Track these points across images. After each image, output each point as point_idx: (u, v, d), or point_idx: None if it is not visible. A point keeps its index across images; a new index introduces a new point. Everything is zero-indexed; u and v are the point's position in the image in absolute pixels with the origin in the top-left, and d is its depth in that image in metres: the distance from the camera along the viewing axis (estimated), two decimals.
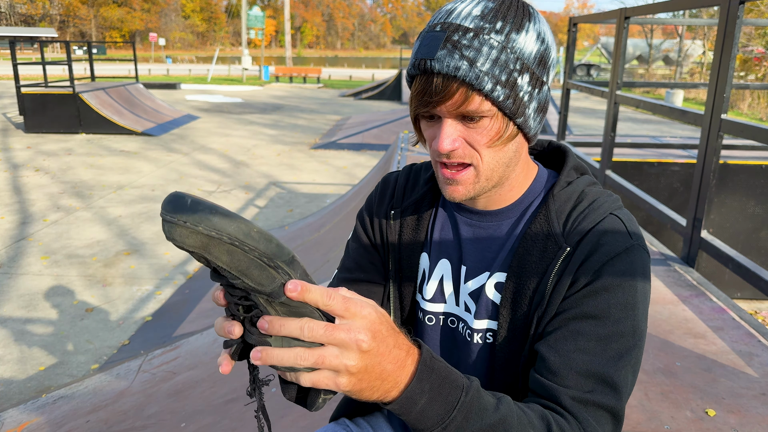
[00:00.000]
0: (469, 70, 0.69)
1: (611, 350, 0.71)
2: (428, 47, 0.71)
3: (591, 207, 0.78)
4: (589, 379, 0.70)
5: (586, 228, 0.76)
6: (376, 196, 0.97)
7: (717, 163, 2.75)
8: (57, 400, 2.46)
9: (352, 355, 0.56)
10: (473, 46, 0.69)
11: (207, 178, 7.89)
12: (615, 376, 0.71)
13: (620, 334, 0.72)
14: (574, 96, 21.31)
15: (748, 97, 18.63)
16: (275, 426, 1.93)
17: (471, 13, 0.71)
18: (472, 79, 0.69)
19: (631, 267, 0.74)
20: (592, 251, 0.74)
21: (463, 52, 0.69)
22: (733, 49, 2.56)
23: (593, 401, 0.70)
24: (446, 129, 0.74)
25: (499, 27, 0.70)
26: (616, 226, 0.76)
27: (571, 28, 5.07)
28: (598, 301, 0.73)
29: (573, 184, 0.82)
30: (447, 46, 0.69)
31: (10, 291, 4.24)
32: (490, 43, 0.70)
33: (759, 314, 4.44)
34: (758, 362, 1.96)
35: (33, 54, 46.34)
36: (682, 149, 5.26)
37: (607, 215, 0.77)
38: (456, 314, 0.87)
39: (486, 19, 0.70)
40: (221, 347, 2.77)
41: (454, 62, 0.69)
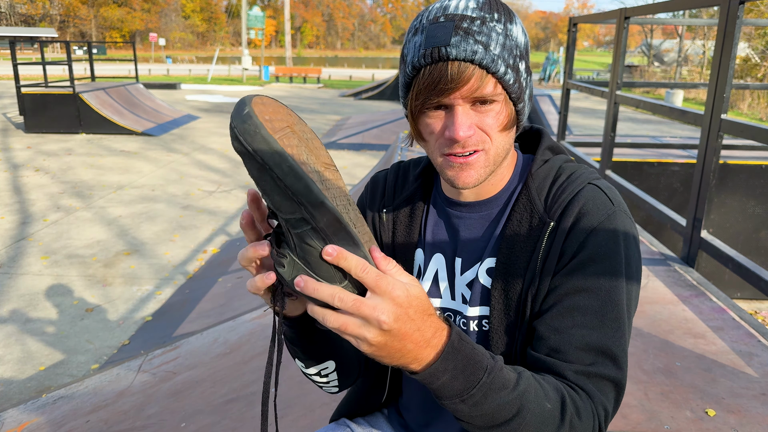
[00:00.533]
0: (485, 54, 0.71)
1: (607, 321, 0.73)
2: (439, 36, 0.71)
3: (569, 179, 0.80)
4: (589, 352, 0.72)
5: (567, 199, 0.78)
6: (367, 196, 0.98)
7: (717, 163, 2.75)
8: (57, 400, 2.46)
9: (372, 330, 0.60)
10: (483, 32, 0.71)
11: (207, 178, 7.89)
12: (614, 347, 0.73)
13: (613, 303, 0.74)
14: (574, 96, 21.30)
15: (748, 97, 18.63)
16: (274, 426, 1.93)
17: (468, 6, 0.73)
18: (488, 62, 0.71)
19: (614, 234, 0.75)
20: (575, 222, 0.76)
21: (476, 37, 0.71)
22: (733, 49, 2.56)
23: (596, 373, 0.72)
24: (460, 116, 0.74)
25: (497, 17, 0.73)
26: (596, 194, 0.78)
27: (571, 28, 5.07)
28: (587, 274, 0.74)
29: (550, 162, 0.84)
30: (459, 33, 0.71)
31: (10, 291, 4.24)
32: (497, 30, 0.72)
33: (759, 314, 4.44)
34: (758, 362, 1.96)
35: (33, 54, 46.34)
36: (682, 149, 5.26)
37: (585, 185, 0.79)
38: (452, 308, 0.88)
39: (484, 10, 0.73)
40: (221, 347, 2.77)
41: (470, 47, 0.70)
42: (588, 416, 0.70)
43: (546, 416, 0.67)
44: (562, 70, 24.70)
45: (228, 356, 2.54)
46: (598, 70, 26.72)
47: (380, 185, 0.97)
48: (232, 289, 4.08)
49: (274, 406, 0.78)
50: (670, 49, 34.50)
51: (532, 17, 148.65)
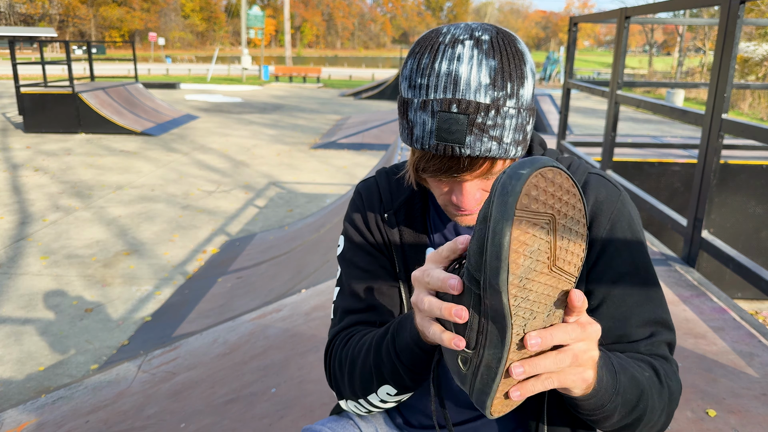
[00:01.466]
0: (498, 148, 0.71)
1: (652, 293, 0.81)
2: (451, 132, 0.69)
3: (569, 170, 0.83)
4: (648, 326, 0.80)
5: None
6: (362, 205, 0.94)
7: (718, 163, 2.74)
8: (56, 401, 2.46)
9: (594, 345, 0.62)
10: (497, 124, 0.70)
11: (207, 178, 7.89)
12: (664, 314, 0.81)
13: (651, 276, 0.82)
14: (574, 96, 21.30)
15: (748, 96, 18.63)
16: (274, 426, 1.93)
17: (480, 83, 0.68)
18: (500, 154, 0.72)
19: (630, 215, 0.82)
20: (595, 212, 0.80)
21: (490, 133, 0.70)
22: (733, 49, 2.56)
23: (658, 340, 0.80)
24: (469, 191, 0.76)
25: (510, 90, 0.70)
26: (603, 183, 0.82)
27: (572, 27, 5.07)
28: (624, 258, 0.80)
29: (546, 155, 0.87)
30: (474, 132, 0.69)
31: (10, 291, 4.23)
32: (510, 114, 0.70)
33: (760, 314, 4.44)
34: (759, 362, 1.95)
35: (32, 54, 46.33)
36: (683, 149, 5.25)
37: (587, 175, 0.83)
38: None
39: (497, 87, 0.69)
40: (221, 347, 2.77)
41: (484, 146, 0.70)
42: (673, 373, 0.79)
43: (652, 383, 0.74)
44: (562, 69, 24.70)
45: (228, 356, 2.54)
46: (598, 71, 26.80)
47: (374, 191, 0.94)
48: (231, 290, 4.08)
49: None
50: (671, 49, 34.44)
51: (533, 17, 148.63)
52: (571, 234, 0.60)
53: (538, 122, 10.70)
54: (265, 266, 4.47)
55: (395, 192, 0.93)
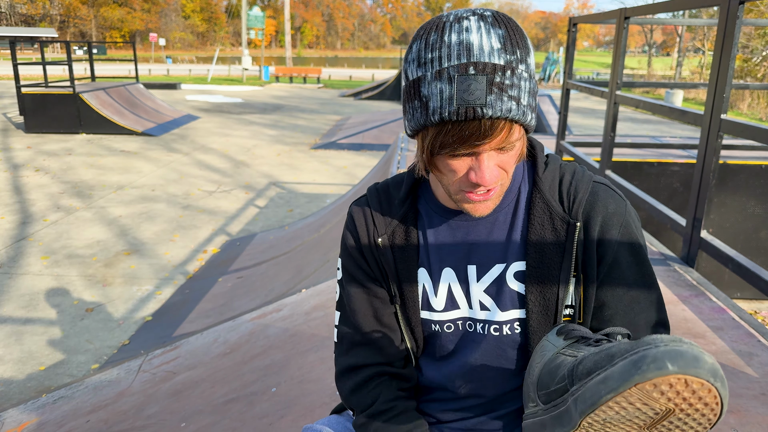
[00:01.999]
0: (518, 109, 0.71)
1: (655, 298, 0.86)
2: (471, 92, 0.69)
3: (575, 179, 0.85)
4: (651, 328, 0.85)
5: (584, 199, 0.83)
6: (355, 231, 0.93)
7: (717, 163, 2.75)
8: (57, 400, 2.46)
9: None
10: (515, 84, 0.70)
11: (207, 178, 7.89)
12: (664, 315, 0.86)
13: (654, 282, 0.86)
14: (574, 96, 21.29)
15: (747, 97, 18.63)
16: (274, 426, 1.93)
17: (492, 47, 0.70)
18: (519, 117, 0.72)
19: (637, 225, 0.85)
20: (605, 224, 0.83)
21: (510, 93, 0.70)
22: (732, 49, 2.56)
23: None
24: (487, 163, 0.74)
25: (520, 55, 0.72)
26: (611, 195, 0.84)
27: (571, 28, 5.07)
28: (633, 269, 0.84)
29: (549, 163, 0.88)
30: (494, 90, 0.69)
31: (11, 291, 4.24)
32: (524, 77, 0.72)
33: (759, 314, 4.44)
34: (758, 362, 1.96)
35: (33, 54, 46.34)
36: (682, 149, 5.26)
37: (592, 183, 0.85)
38: (472, 317, 0.87)
39: (508, 50, 0.70)
40: (221, 347, 2.77)
41: (505, 105, 0.70)
42: None
43: None
44: (561, 70, 24.70)
45: (228, 356, 2.54)
46: (598, 71, 26.81)
47: (366, 214, 0.93)
48: (232, 289, 4.08)
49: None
50: (671, 49, 34.43)
51: (532, 17, 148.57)
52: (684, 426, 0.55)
53: (537, 122, 10.70)
54: (265, 266, 4.47)
55: (387, 211, 0.92)
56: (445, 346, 0.90)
